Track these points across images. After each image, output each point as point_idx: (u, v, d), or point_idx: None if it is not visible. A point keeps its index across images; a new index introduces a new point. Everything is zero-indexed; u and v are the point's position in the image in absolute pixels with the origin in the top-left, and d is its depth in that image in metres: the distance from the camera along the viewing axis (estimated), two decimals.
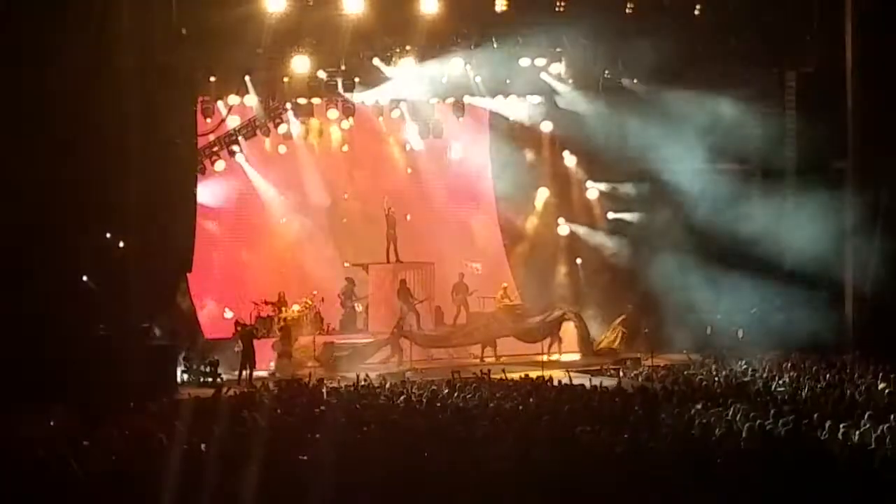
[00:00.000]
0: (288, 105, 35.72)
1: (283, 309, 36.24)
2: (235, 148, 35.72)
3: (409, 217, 38.75)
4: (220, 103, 34.74)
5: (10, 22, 27.94)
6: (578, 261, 39.73)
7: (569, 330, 37.55)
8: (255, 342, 33.32)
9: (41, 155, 27.99)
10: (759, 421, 19.62)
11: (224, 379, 32.00)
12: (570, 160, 39.51)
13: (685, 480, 16.03)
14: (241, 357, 32.63)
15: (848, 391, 24.16)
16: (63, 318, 28.47)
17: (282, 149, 37.76)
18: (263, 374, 32.97)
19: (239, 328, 33.48)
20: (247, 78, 33.85)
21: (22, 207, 28.07)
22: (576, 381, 28.36)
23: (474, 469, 16.09)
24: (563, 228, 39.95)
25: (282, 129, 36.42)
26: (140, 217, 29.98)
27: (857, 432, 18.74)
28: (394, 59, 34.43)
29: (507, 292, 38.87)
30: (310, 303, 36.68)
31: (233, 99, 34.73)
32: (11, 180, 27.95)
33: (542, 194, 40.07)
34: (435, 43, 33.56)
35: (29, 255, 28.25)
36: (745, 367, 30.41)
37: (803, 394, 24.23)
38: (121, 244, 30.23)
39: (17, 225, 28.05)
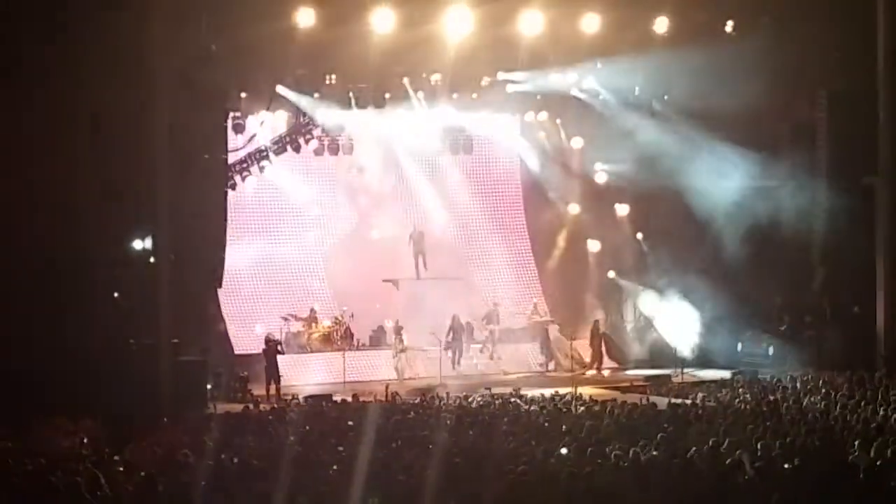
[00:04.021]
0: (318, 121, 35.73)
1: (314, 324, 36.37)
2: (266, 163, 35.70)
3: (439, 233, 38.86)
4: (250, 119, 34.82)
5: (43, 38, 28.17)
6: (611, 274, 39.63)
7: None
8: None
9: (70, 169, 28.18)
10: (788, 439, 19.55)
11: (254, 394, 32.05)
12: (600, 177, 39.42)
13: (715, 498, 15.99)
14: (266, 373, 32.70)
15: (880, 409, 24.03)
16: (94, 333, 28.62)
17: (312, 165, 37.91)
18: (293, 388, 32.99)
19: (266, 344, 33.51)
20: (277, 94, 33.94)
21: (54, 221, 28.26)
22: (605, 398, 28.35)
23: (501, 484, 16.08)
24: (594, 244, 39.84)
25: (312, 145, 36.47)
26: (170, 232, 30.14)
27: (889, 451, 18.63)
28: (424, 75, 34.50)
29: (537, 308, 38.93)
30: (340, 318, 36.80)
31: (263, 115, 34.83)
32: (40, 194, 28.18)
33: (573, 210, 40.01)
34: (464, 59, 33.49)
35: (61, 270, 28.42)
36: (775, 384, 30.29)
37: (834, 412, 24.09)
38: (151, 259, 30.34)
39: (50, 238, 28.24)
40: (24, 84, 28.09)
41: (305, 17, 30.85)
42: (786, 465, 17.72)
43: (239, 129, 34.32)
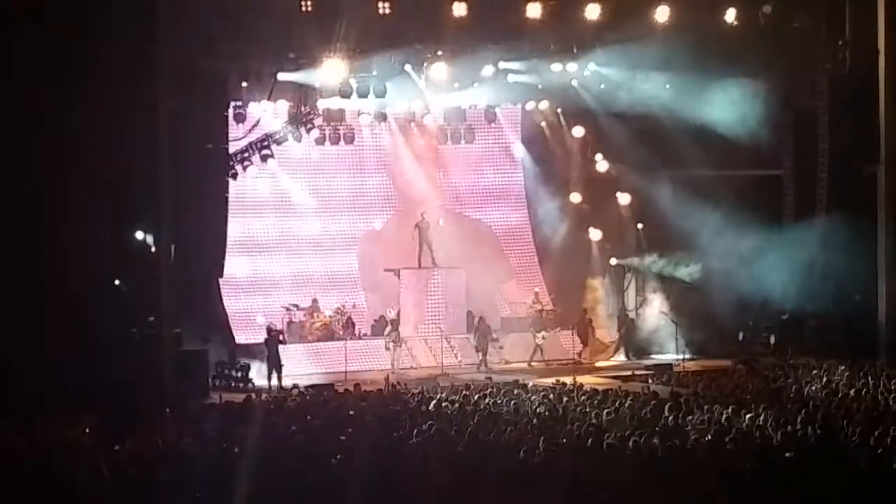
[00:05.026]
0: (319, 110, 35.66)
1: (316, 314, 36.38)
2: (267, 153, 35.65)
3: (441, 222, 38.78)
4: (251, 108, 34.75)
5: (44, 30, 28.20)
6: (613, 261, 39.59)
7: None
8: None
9: (72, 158, 28.20)
10: (789, 427, 19.57)
11: (255, 384, 32.09)
12: (601, 166, 39.37)
13: (714, 486, 16.01)
14: (268, 363, 32.73)
15: (881, 397, 24.06)
16: (96, 323, 28.64)
17: (314, 154, 37.86)
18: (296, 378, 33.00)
19: (268, 334, 33.53)
20: (278, 82, 33.88)
21: (55, 211, 28.28)
22: (606, 387, 28.35)
23: (502, 473, 16.11)
24: (595, 233, 39.80)
25: (313, 134, 36.42)
26: (171, 221, 30.15)
27: (889, 439, 18.65)
28: (425, 64, 34.44)
29: (538, 298, 38.89)
30: (342, 308, 36.82)
31: (265, 104, 34.78)
32: (41, 184, 28.22)
33: (574, 199, 39.96)
34: (466, 48, 33.49)
35: (62, 260, 28.45)
36: (776, 373, 30.30)
37: (836, 400, 24.10)
38: (153, 249, 30.36)
39: (51, 229, 28.26)
40: (25, 76, 28.09)
41: (307, 4, 30.88)
42: (787, 454, 17.76)
43: (240, 118, 34.26)
